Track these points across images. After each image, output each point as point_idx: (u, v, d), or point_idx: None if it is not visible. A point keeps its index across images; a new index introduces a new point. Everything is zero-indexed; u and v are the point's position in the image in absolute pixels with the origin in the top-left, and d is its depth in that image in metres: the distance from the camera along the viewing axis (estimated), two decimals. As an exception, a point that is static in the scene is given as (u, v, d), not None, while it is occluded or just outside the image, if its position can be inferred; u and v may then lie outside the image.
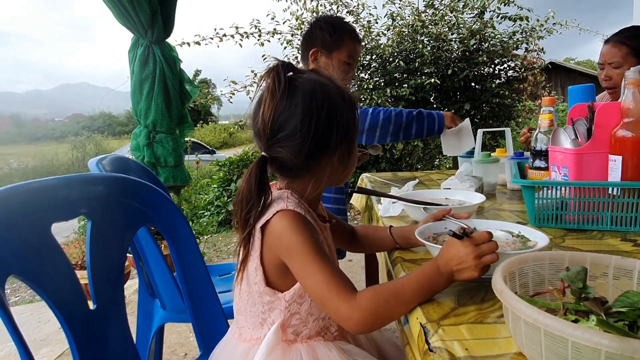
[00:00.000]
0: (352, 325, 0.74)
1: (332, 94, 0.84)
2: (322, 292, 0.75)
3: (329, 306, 0.75)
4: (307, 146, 0.81)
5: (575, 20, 5.26)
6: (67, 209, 0.89)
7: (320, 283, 0.76)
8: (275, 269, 0.83)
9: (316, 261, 0.76)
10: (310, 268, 0.76)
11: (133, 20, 2.38)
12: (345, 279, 0.77)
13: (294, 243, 0.77)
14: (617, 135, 1.07)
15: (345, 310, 0.73)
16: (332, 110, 0.83)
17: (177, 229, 1.07)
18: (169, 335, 2.39)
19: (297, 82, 0.83)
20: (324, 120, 0.82)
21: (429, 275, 0.75)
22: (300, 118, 0.80)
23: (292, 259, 0.78)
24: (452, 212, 1.02)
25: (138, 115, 2.49)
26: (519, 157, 1.65)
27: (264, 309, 0.86)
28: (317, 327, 0.88)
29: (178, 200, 3.10)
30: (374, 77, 4.78)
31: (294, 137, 0.80)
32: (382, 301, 0.74)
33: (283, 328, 0.86)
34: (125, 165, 1.53)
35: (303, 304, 0.85)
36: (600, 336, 0.43)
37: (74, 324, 0.86)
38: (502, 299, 0.53)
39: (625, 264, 0.64)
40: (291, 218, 0.79)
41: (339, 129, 0.84)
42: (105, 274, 0.93)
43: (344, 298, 0.74)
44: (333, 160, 0.86)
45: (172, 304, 1.35)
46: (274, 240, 0.80)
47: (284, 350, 0.85)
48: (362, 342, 0.97)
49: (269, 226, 0.81)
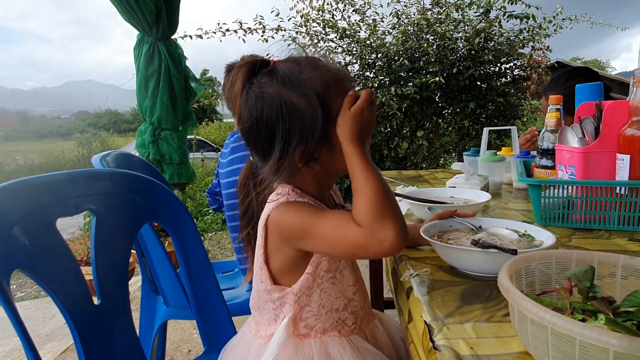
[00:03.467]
0: (388, 244, 0.71)
1: (280, 97, 0.78)
2: (347, 242, 0.74)
3: (361, 247, 0.73)
4: (258, 147, 0.82)
5: (585, 14, 5.19)
6: (73, 204, 0.89)
7: (337, 234, 0.74)
8: (286, 262, 0.82)
9: (325, 220, 0.76)
10: (326, 228, 0.75)
11: (138, 17, 2.38)
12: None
13: (300, 222, 0.77)
14: (626, 134, 1.06)
15: (369, 238, 0.72)
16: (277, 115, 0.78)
17: (182, 226, 1.07)
18: (173, 332, 2.39)
19: (250, 85, 0.81)
20: (265, 127, 0.79)
21: (357, 157, 0.76)
22: (247, 117, 0.80)
23: (306, 237, 0.77)
24: (457, 211, 1.01)
25: (143, 113, 2.50)
26: (525, 156, 1.64)
27: (274, 305, 0.86)
28: (331, 320, 0.86)
29: (183, 198, 3.11)
30: (379, 76, 4.76)
31: (249, 136, 0.82)
32: (379, 205, 0.73)
33: (294, 322, 0.85)
34: (129, 162, 1.53)
35: (312, 295, 0.84)
36: (608, 335, 0.42)
37: (79, 319, 0.86)
38: (508, 297, 0.53)
39: (633, 264, 0.64)
40: (292, 205, 0.79)
41: (288, 133, 0.78)
42: (110, 269, 0.94)
43: (357, 232, 0.73)
44: (299, 165, 0.80)
45: (175, 301, 1.35)
46: (282, 229, 0.80)
47: (296, 345, 0.84)
48: (379, 336, 0.96)
49: (272, 220, 0.80)
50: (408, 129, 5.10)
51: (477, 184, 1.44)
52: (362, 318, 0.93)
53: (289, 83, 0.78)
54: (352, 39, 4.81)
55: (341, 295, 0.88)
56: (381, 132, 4.77)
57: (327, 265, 0.84)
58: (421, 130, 5.16)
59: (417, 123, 5.10)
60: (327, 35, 4.98)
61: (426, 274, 0.85)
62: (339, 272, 0.87)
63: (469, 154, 1.87)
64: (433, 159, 5.62)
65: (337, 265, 0.87)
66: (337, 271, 0.87)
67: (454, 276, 0.83)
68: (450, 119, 5.11)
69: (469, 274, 0.83)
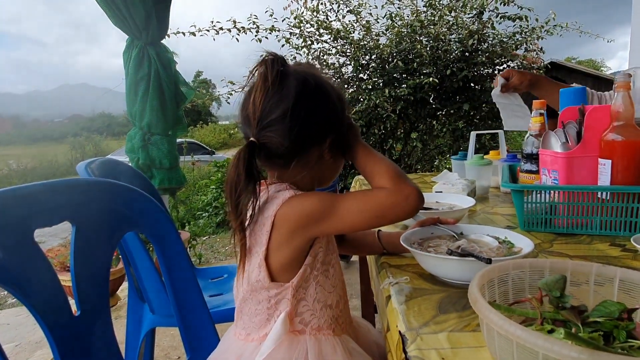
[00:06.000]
0: (414, 197, 0.82)
1: (324, 84, 0.87)
2: (375, 204, 0.82)
3: (390, 206, 0.82)
4: (296, 130, 0.82)
5: (576, 22, 5.24)
6: (51, 215, 0.88)
7: (363, 201, 0.83)
8: (289, 256, 0.83)
9: (346, 196, 0.84)
10: (349, 202, 0.82)
11: (127, 21, 2.38)
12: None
13: (321, 203, 0.82)
14: (607, 139, 1.06)
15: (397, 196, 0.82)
16: (323, 98, 0.85)
17: (164, 235, 1.07)
18: (163, 339, 2.38)
19: (289, 70, 0.85)
20: (314, 107, 0.84)
21: (370, 150, 0.91)
22: (291, 102, 0.81)
23: (328, 215, 0.81)
24: (440, 218, 1.01)
25: (133, 117, 2.49)
26: (512, 160, 1.64)
27: (269, 303, 0.85)
28: (326, 316, 0.87)
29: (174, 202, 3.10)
30: (373, 77, 4.76)
31: (284, 120, 0.81)
32: (397, 172, 0.85)
33: (290, 318, 0.85)
34: (115, 169, 1.52)
35: (308, 287, 0.85)
36: (569, 349, 0.42)
37: (57, 331, 0.85)
38: (476, 308, 0.53)
39: (606, 272, 0.64)
40: (305, 194, 0.84)
41: (330, 118, 0.86)
42: (90, 279, 0.93)
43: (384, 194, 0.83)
44: (322, 152, 0.87)
45: (161, 308, 1.34)
46: (298, 217, 0.81)
47: (291, 341, 0.84)
48: (360, 337, 0.98)
49: (282, 214, 0.81)
50: (402, 131, 5.10)
51: (463, 189, 1.44)
52: (346, 318, 0.95)
53: (325, 79, 0.88)
54: (346, 40, 4.81)
55: (334, 291, 0.89)
56: (375, 134, 4.77)
57: (323, 256, 0.87)
58: (415, 131, 5.17)
59: (411, 125, 5.11)
60: (321, 37, 4.98)
61: (406, 281, 0.85)
62: (331, 266, 0.89)
63: (457, 157, 1.87)
64: (427, 160, 5.63)
65: (330, 257, 0.89)
66: (330, 264, 0.89)
67: (433, 284, 0.83)
68: (444, 121, 5.12)
69: (447, 282, 0.83)
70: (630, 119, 1.03)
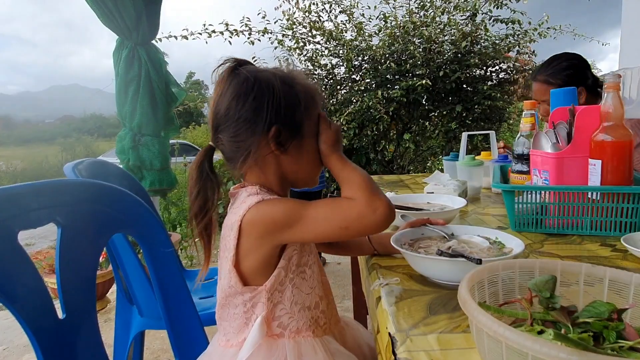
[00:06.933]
0: (382, 210, 0.78)
1: (269, 77, 0.84)
2: (341, 215, 0.79)
3: (356, 218, 0.78)
4: (236, 126, 0.82)
5: (570, 25, 5.28)
6: (36, 217, 0.86)
7: (330, 209, 0.80)
8: (259, 261, 0.82)
9: (313, 204, 0.80)
10: (316, 210, 0.79)
11: (117, 21, 2.36)
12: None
13: (287, 210, 0.79)
14: (597, 139, 1.06)
15: (364, 207, 0.78)
16: (264, 90, 0.82)
17: (153, 237, 1.05)
18: (153, 341, 2.36)
19: (237, 71, 0.85)
20: (252, 100, 0.82)
21: (344, 162, 0.85)
22: (229, 99, 0.82)
23: (294, 223, 0.79)
24: (430, 219, 1.01)
25: (123, 118, 2.46)
26: (503, 161, 1.65)
27: (245, 307, 0.84)
28: (304, 319, 0.86)
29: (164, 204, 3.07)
30: (366, 79, 4.76)
31: (227, 120, 0.83)
32: (369, 183, 0.81)
33: (268, 322, 0.84)
34: (104, 170, 1.50)
35: (285, 291, 0.84)
36: (558, 350, 0.42)
37: (42, 335, 0.83)
38: (466, 310, 0.52)
39: (595, 272, 0.63)
40: (272, 200, 0.81)
41: (271, 109, 0.82)
42: (76, 282, 0.91)
43: (351, 204, 0.80)
44: (269, 144, 0.83)
45: (150, 311, 1.33)
46: (265, 224, 0.79)
47: (270, 345, 0.83)
48: (347, 338, 0.96)
49: (248, 220, 0.80)
50: (395, 132, 5.11)
51: (455, 190, 1.44)
52: (330, 318, 0.93)
53: (278, 72, 0.86)
54: (338, 41, 4.81)
55: (312, 292, 0.88)
56: (368, 136, 4.77)
57: (298, 259, 0.85)
58: (408, 133, 5.17)
59: (404, 126, 5.12)
60: (314, 38, 4.97)
61: (396, 283, 0.84)
62: (308, 267, 0.88)
63: (449, 158, 1.87)
64: (420, 161, 5.64)
65: (306, 259, 0.87)
66: (307, 266, 0.88)
67: (424, 285, 0.83)
68: (437, 122, 5.13)
69: (438, 283, 0.82)
70: (620, 120, 1.03)
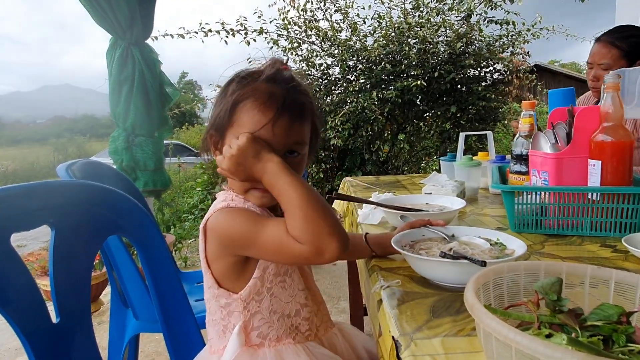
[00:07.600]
0: (329, 255, 0.71)
1: (232, 80, 0.85)
2: (289, 254, 0.74)
3: (303, 259, 0.74)
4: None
5: (562, 25, 5.32)
6: (29, 219, 0.84)
7: (280, 244, 0.74)
8: (228, 268, 0.81)
9: (266, 231, 0.75)
10: (269, 236, 0.75)
11: (111, 20, 2.33)
12: None
13: (240, 231, 0.77)
14: (596, 140, 1.06)
15: (312, 255, 0.71)
16: (220, 95, 0.85)
17: (148, 239, 1.03)
18: (147, 344, 2.33)
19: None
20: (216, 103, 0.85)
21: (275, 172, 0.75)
22: None
23: (248, 246, 0.77)
24: (430, 220, 1.00)
25: (116, 118, 2.43)
26: (501, 161, 1.64)
27: (222, 314, 0.84)
28: (284, 327, 0.85)
29: (159, 205, 3.05)
30: (360, 79, 4.76)
31: None
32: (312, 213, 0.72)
33: (246, 332, 0.82)
34: (97, 171, 1.48)
35: (262, 300, 0.83)
36: (571, 355, 0.41)
37: (35, 339, 0.82)
38: (474, 314, 0.51)
39: (601, 274, 0.63)
40: (231, 212, 0.79)
41: (215, 113, 0.84)
42: (70, 285, 0.89)
43: (298, 248, 0.72)
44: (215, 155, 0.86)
45: (145, 314, 1.31)
46: (221, 236, 0.80)
47: (251, 355, 0.81)
48: (337, 343, 0.94)
49: (211, 225, 0.80)
50: (389, 133, 5.11)
51: (452, 190, 1.43)
52: (319, 325, 0.91)
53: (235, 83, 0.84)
54: (333, 41, 4.80)
55: (292, 300, 0.87)
56: (362, 136, 4.76)
57: (276, 268, 0.84)
58: (402, 133, 5.17)
59: (398, 126, 5.12)
60: (309, 38, 4.96)
61: (397, 285, 0.83)
62: (288, 276, 0.86)
63: (446, 159, 1.86)
64: (415, 162, 5.64)
65: (286, 268, 0.86)
66: (287, 275, 0.86)
67: (426, 287, 0.81)
68: (431, 122, 5.14)
69: (440, 285, 0.81)
70: (619, 120, 1.03)
